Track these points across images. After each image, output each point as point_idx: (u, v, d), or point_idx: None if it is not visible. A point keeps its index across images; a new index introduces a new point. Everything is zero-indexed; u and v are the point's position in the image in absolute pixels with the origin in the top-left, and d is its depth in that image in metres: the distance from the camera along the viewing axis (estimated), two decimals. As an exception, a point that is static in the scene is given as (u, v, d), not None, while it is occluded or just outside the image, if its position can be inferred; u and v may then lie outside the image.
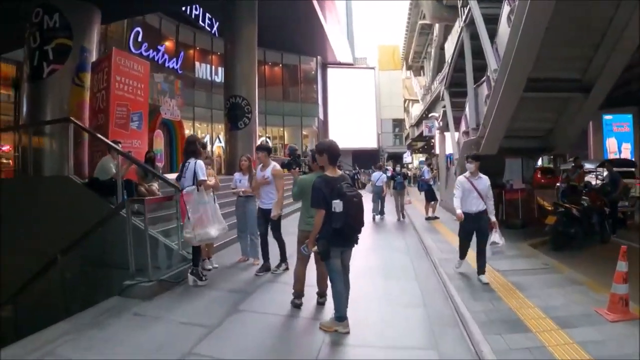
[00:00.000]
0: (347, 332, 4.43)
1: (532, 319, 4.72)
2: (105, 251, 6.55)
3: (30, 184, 7.96)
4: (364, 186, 31.93)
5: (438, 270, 7.06)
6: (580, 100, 9.74)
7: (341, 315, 4.47)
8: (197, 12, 22.01)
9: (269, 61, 32.87)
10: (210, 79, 27.05)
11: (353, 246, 4.62)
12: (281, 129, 34.47)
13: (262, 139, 29.92)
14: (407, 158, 50.63)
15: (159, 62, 21.15)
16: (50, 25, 9.70)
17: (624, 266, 4.78)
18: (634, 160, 16.77)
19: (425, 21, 37.35)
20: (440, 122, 17.74)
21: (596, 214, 9.69)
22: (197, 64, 26.36)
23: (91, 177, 7.77)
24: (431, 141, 36.88)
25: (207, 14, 22.67)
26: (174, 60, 22.61)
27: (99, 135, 7.71)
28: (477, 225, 6.44)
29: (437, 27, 35.80)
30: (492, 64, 9.59)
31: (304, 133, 36.41)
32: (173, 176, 7.33)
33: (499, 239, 6.39)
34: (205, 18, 22.79)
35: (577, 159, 13.20)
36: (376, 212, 14.31)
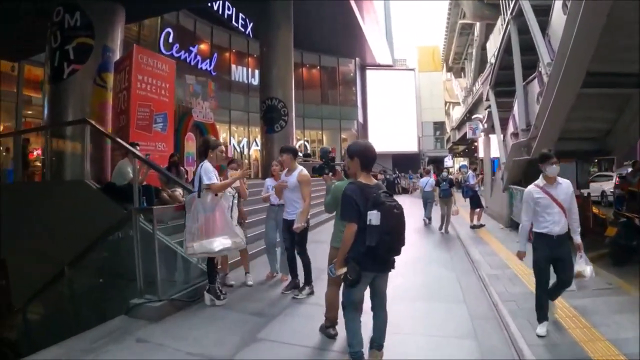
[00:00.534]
0: None
1: (603, 357, 3.89)
2: (119, 262, 6.07)
3: (45, 188, 7.64)
4: (404, 191, 31.10)
5: (488, 290, 6.16)
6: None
7: (355, 352, 3.70)
8: (229, 12, 21.73)
9: (306, 63, 32.45)
10: (246, 81, 26.84)
11: (389, 271, 3.78)
12: (320, 132, 33.92)
13: (299, 142, 29.52)
14: (448, 162, 49.37)
15: (191, 63, 20.95)
16: (71, 24, 9.37)
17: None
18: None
19: (466, 20, 36.47)
20: (485, 124, 16.71)
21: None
22: (234, 66, 26.30)
23: (108, 182, 7.35)
24: (473, 144, 35.66)
25: (240, 14, 22.41)
26: (207, 61, 22.38)
27: (114, 137, 7.27)
28: (560, 252, 4.52)
29: (477, 26, 34.85)
30: (545, 58, 8.68)
31: (343, 136, 35.72)
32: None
33: (587, 268, 4.62)
34: (238, 18, 22.53)
35: (637, 162, 12.06)
36: (427, 216, 14.21)
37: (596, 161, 14.60)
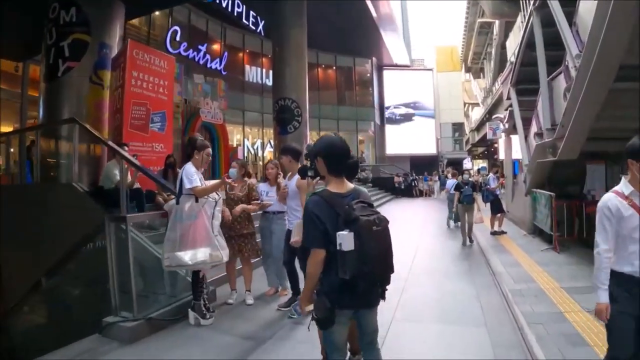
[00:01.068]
0: None
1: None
2: (101, 273, 5.51)
3: (32, 191, 7.13)
4: (420, 193, 30.30)
5: (512, 310, 5.42)
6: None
7: None
8: (239, 10, 21.23)
9: (322, 63, 32.06)
10: (261, 82, 26.44)
11: (376, 305, 2.90)
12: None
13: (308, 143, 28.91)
14: (467, 164, 48.37)
15: (200, 62, 20.50)
16: (66, 19, 8.86)
17: None
18: None
19: (485, 19, 35.63)
20: (506, 124, 15.92)
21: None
22: (247, 67, 25.93)
23: (96, 186, 6.83)
24: (493, 145, 34.69)
25: (250, 12, 21.91)
26: (217, 60, 21.91)
27: (101, 137, 6.76)
28: None
29: (497, 24, 33.99)
30: (573, 49, 7.93)
31: (360, 138, 35.20)
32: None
33: None
34: (249, 16, 22.04)
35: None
36: (451, 217, 13.78)
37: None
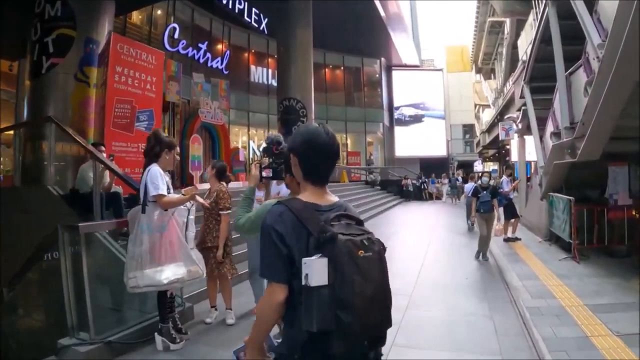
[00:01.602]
0: None
1: None
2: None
3: (6, 194, 6.60)
4: (430, 197, 29.52)
5: (531, 333, 4.70)
6: None
7: None
8: (240, 6, 20.71)
9: (329, 64, 31.60)
10: (266, 82, 26.00)
11: None
12: (344, 135, 32.51)
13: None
14: (478, 166, 47.52)
15: (200, 61, 19.98)
16: (51, 14, 8.37)
17: None
18: None
19: (496, 18, 34.95)
20: (519, 124, 15.19)
21: None
22: (253, 67, 25.52)
23: (71, 189, 6.28)
24: (505, 147, 33.90)
25: (253, 9, 21.41)
26: (219, 59, 21.36)
27: (75, 136, 6.19)
28: None
29: (508, 23, 33.29)
30: (595, 39, 7.24)
31: (369, 140, 34.67)
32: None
33: None
34: (251, 13, 21.51)
35: None
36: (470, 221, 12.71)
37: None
